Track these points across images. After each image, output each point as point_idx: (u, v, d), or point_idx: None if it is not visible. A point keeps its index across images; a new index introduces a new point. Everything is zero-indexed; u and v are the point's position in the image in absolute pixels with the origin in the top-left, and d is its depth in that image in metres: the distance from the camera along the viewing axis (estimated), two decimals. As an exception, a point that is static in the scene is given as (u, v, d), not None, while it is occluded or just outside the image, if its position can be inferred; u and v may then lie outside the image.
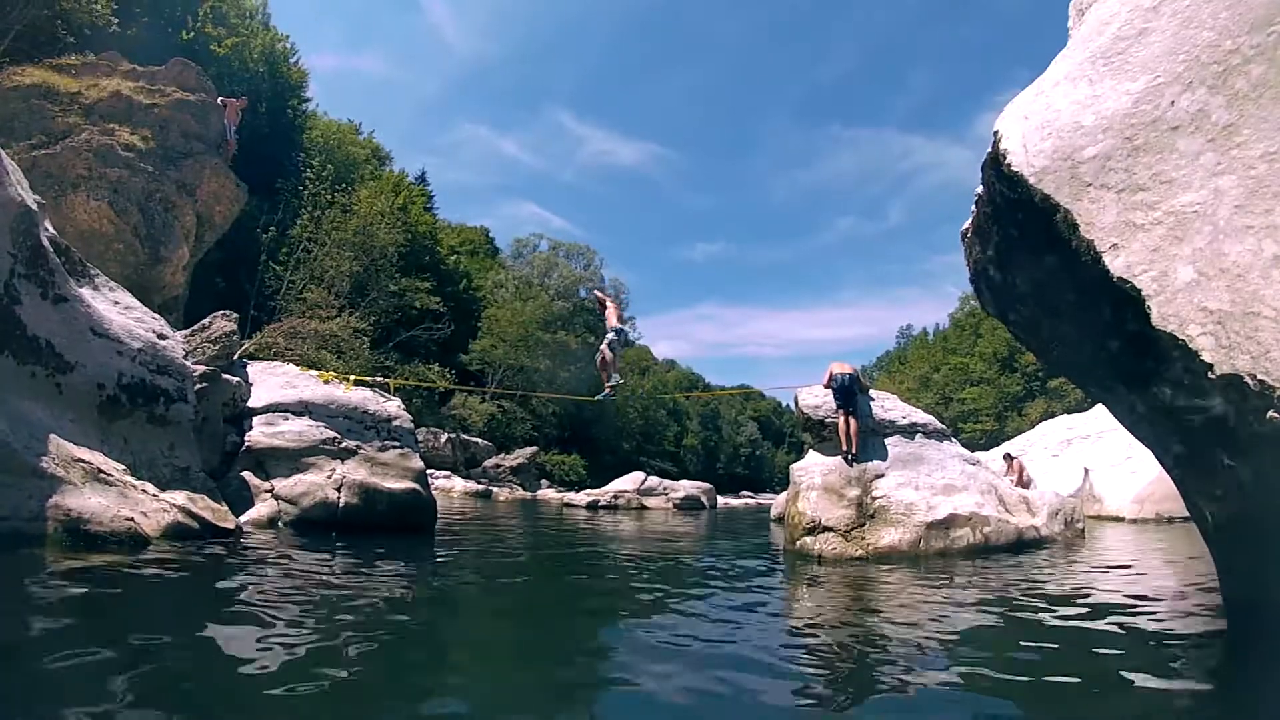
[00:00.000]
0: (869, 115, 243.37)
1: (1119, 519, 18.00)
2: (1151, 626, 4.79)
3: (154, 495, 6.71)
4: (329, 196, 30.64)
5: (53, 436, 6.05)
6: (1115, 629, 4.68)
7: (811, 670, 3.73)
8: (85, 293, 7.21)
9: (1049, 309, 4.75)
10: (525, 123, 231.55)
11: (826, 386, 9.75)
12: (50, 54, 17.83)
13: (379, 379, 13.95)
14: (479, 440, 35.44)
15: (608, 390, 11.89)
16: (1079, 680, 3.54)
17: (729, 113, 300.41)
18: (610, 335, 11.74)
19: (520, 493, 28.99)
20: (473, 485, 26.49)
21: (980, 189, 4.95)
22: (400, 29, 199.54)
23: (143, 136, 16.19)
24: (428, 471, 11.28)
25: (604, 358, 11.73)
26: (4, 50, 17.85)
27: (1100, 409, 18.43)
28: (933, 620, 4.94)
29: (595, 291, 12.66)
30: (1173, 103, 3.83)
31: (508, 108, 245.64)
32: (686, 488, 26.39)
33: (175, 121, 17.11)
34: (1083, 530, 11.51)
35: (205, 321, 10.34)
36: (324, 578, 5.73)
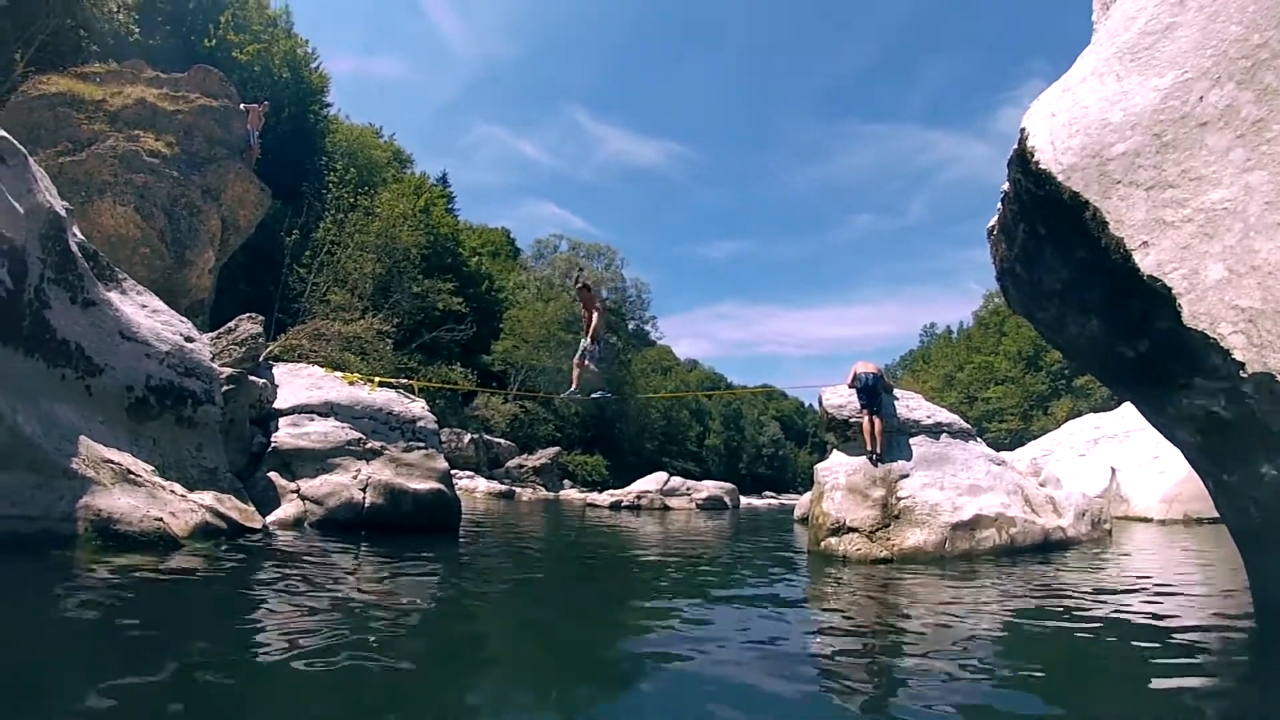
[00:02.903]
0: (887, 110, 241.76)
1: (1146, 520, 17.76)
2: (1179, 630, 4.70)
3: (182, 495, 6.79)
4: (351, 199, 30.91)
5: (83, 438, 6.13)
6: (1142, 633, 4.61)
7: (834, 674, 3.70)
8: (114, 296, 7.30)
9: (1076, 307, 4.69)
10: (542, 123, 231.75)
11: (851, 386, 9.69)
12: (74, 63, 18.10)
13: (402, 380, 14.03)
14: (502, 441, 35.62)
15: (579, 390, 11.55)
16: (1105, 685, 3.49)
17: (746, 110, 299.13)
18: (585, 344, 11.20)
19: (543, 493, 29.09)
20: (496, 486, 26.60)
21: (1006, 186, 4.90)
22: (414, 31, 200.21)
23: (167, 142, 16.36)
24: (451, 472, 11.30)
25: (577, 371, 11.27)
26: (29, 60, 18.15)
27: (1128, 407, 18.23)
28: (958, 624, 4.89)
29: (581, 285, 12.08)
30: (1201, 98, 3.77)
31: (524, 108, 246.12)
32: (709, 488, 26.34)
33: (199, 127, 17.28)
34: (1110, 531, 11.36)
35: (231, 324, 10.46)
36: (350, 578, 5.77)
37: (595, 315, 11.36)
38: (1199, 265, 3.56)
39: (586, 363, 11.16)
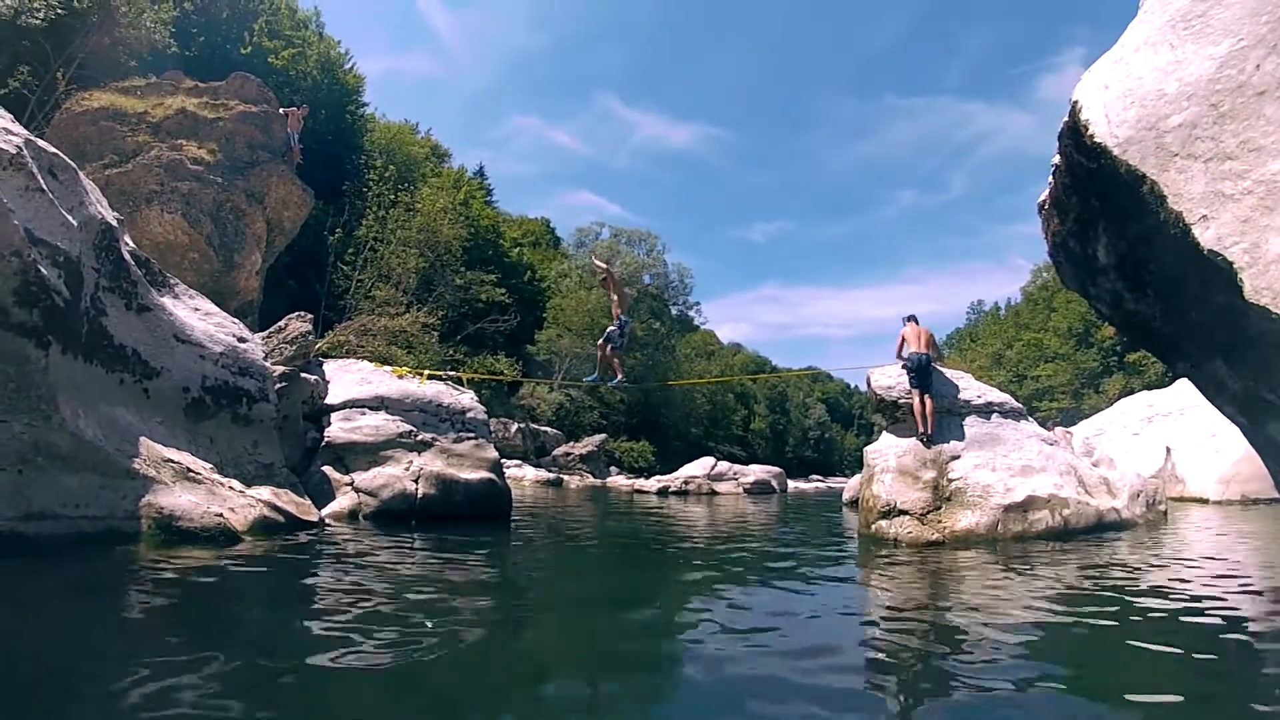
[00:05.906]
0: (923, 82, 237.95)
1: (1202, 500, 17.33)
2: (1239, 620, 4.53)
3: (240, 491, 6.95)
4: (392, 196, 31.30)
5: (143, 439, 6.31)
6: (1200, 622, 4.45)
7: (886, 660, 3.65)
8: (167, 301, 7.48)
9: (1132, 282, 4.56)
10: (574, 112, 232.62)
11: (898, 357, 9.58)
12: (115, 78, 18.56)
13: (450, 373, 14.19)
14: (548, 429, 35.85)
15: (607, 378, 11.64)
16: (1160, 679, 3.39)
17: (779, 88, 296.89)
18: (612, 329, 11.27)
19: (590, 480, 29.23)
20: (543, 474, 26.77)
21: (1057, 159, 4.77)
22: (442, 26, 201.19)
23: (210, 150, 16.76)
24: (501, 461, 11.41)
25: (602, 354, 11.40)
26: (71, 77, 18.66)
27: (1183, 384, 17.71)
28: (1011, 610, 4.80)
29: (596, 261, 12.28)
30: (1258, 66, 3.62)
31: (556, 98, 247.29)
32: (756, 472, 26.20)
33: (240, 133, 17.64)
34: (1165, 512, 11.08)
35: (282, 323, 10.66)
36: (406, 567, 5.85)
37: (615, 299, 11.45)
38: (1260, 239, 3.43)
39: (609, 349, 11.23)
